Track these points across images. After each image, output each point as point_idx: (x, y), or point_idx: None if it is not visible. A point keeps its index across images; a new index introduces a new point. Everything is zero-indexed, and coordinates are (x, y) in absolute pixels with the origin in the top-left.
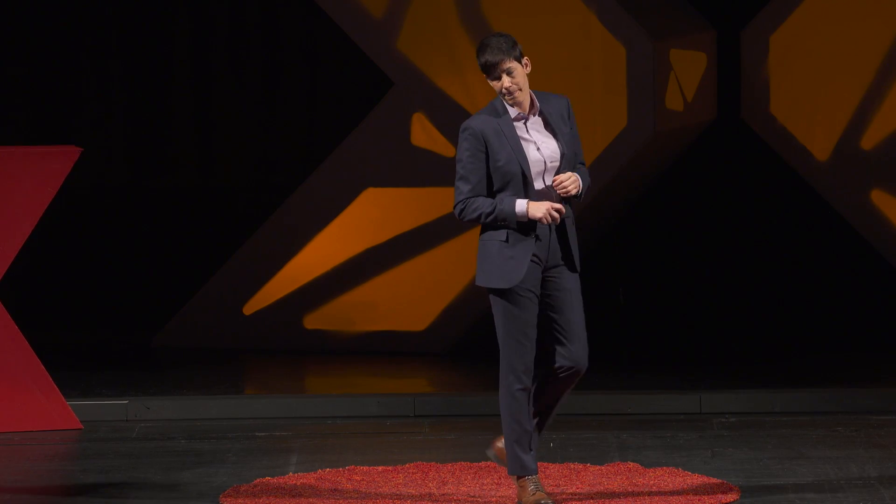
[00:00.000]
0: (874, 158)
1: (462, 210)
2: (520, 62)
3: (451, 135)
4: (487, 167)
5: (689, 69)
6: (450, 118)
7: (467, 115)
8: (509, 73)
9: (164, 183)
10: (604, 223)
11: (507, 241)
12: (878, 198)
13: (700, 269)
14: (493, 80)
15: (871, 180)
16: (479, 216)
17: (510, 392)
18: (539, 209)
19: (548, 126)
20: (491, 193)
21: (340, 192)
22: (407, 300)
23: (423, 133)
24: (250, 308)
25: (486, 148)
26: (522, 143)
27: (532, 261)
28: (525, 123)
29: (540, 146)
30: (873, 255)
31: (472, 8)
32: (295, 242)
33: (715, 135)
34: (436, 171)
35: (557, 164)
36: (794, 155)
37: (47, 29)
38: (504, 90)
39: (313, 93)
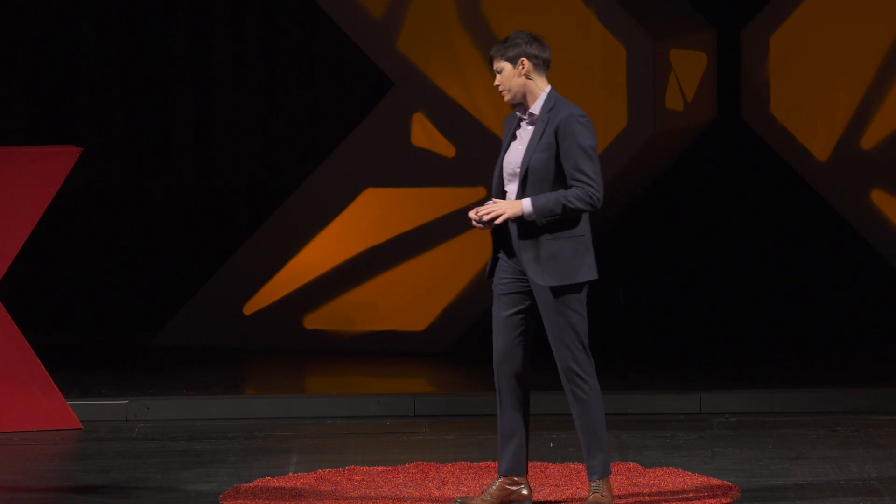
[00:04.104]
0: (874, 158)
1: None
2: (513, 63)
3: (451, 135)
4: None
5: (689, 69)
6: (450, 118)
7: (467, 115)
8: (499, 72)
9: (164, 183)
10: (604, 223)
11: None
12: (878, 198)
13: (700, 269)
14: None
15: (871, 180)
16: None
17: None
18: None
19: (534, 135)
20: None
21: (340, 192)
22: (407, 300)
23: (423, 133)
24: (250, 308)
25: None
26: (513, 142)
27: (500, 257)
28: (526, 124)
29: (516, 150)
30: (873, 255)
31: (472, 8)
32: (295, 242)
33: (715, 135)
34: (436, 171)
35: (518, 171)
36: (794, 155)
37: (47, 28)
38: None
39: (313, 93)
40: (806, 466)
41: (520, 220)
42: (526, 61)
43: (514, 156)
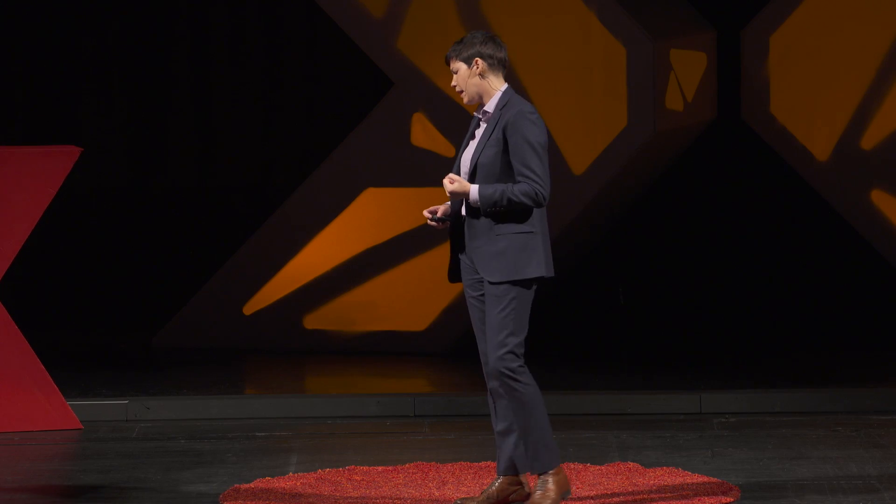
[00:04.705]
0: (874, 158)
1: None
2: (468, 63)
3: (451, 135)
4: None
5: (689, 69)
6: (450, 118)
7: (467, 115)
8: (454, 74)
9: (164, 183)
10: (604, 223)
11: None
12: (878, 198)
13: (700, 268)
14: None
15: (871, 180)
16: None
17: None
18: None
19: (485, 132)
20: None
21: (340, 192)
22: (407, 300)
23: (423, 133)
24: (250, 308)
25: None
26: (471, 141)
27: (461, 258)
28: (482, 122)
29: (468, 149)
30: (873, 255)
31: (472, 8)
32: (295, 242)
33: (715, 135)
34: (436, 171)
35: (468, 169)
36: (794, 155)
37: (48, 29)
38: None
39: (313, 93)
40: (806, 466)
41: (470, 217)
42: (480, 61)
43: (468, 153)
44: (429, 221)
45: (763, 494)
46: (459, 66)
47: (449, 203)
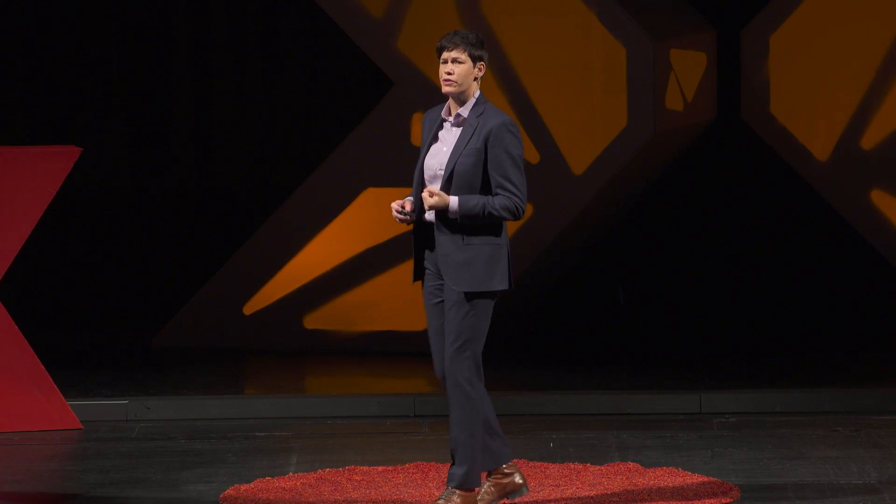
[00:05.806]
0: (874, 158)
1: None
2: (473, 61)
3: None
4: None
5: (689, 69)
6: None
7: None
8: (454, 62)
9: (165, 183)
10: (604, 223)
11: None
12: (878, 198)
13: (700, 268)
14: (441, 63)
15: (871, 180)
16: None
17: None
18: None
19: (461, 139)
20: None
21: (340, 192)
22: (407, 300)
23: None
24: (250, 308)
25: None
26: (435, 143)
27: (425, 266)
28: (451, 125)
29: (439, 152)
30: (873, 255)
31: (472, 8)
32: (295, 242)
33: (715, 135)
34: None
35: (442, 174)
36: (794, 155)
37: (47, 29)
38: (444, 74)
39: (313, 93)
40: (806, 466)
41: (440, 222)
42: (483, 66)
43: (438, 158)
44: (395, 213)
45: (763, 494)
46: (466, 60)
47: (412, 198)
